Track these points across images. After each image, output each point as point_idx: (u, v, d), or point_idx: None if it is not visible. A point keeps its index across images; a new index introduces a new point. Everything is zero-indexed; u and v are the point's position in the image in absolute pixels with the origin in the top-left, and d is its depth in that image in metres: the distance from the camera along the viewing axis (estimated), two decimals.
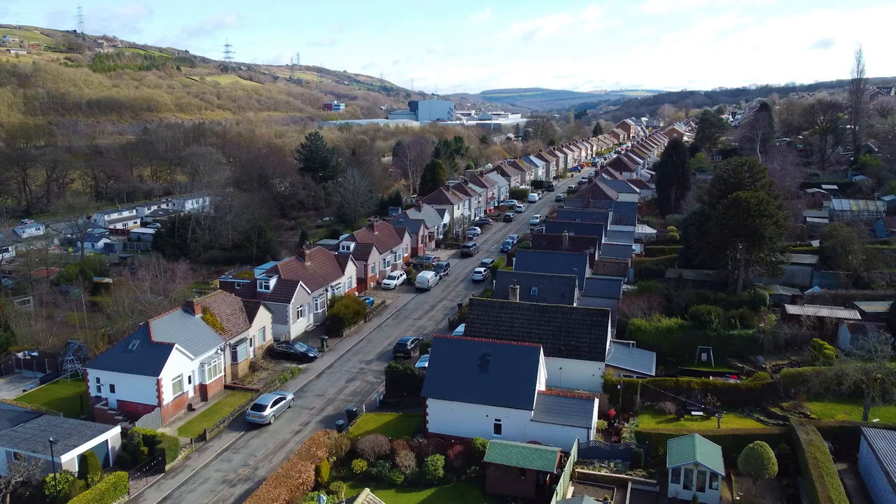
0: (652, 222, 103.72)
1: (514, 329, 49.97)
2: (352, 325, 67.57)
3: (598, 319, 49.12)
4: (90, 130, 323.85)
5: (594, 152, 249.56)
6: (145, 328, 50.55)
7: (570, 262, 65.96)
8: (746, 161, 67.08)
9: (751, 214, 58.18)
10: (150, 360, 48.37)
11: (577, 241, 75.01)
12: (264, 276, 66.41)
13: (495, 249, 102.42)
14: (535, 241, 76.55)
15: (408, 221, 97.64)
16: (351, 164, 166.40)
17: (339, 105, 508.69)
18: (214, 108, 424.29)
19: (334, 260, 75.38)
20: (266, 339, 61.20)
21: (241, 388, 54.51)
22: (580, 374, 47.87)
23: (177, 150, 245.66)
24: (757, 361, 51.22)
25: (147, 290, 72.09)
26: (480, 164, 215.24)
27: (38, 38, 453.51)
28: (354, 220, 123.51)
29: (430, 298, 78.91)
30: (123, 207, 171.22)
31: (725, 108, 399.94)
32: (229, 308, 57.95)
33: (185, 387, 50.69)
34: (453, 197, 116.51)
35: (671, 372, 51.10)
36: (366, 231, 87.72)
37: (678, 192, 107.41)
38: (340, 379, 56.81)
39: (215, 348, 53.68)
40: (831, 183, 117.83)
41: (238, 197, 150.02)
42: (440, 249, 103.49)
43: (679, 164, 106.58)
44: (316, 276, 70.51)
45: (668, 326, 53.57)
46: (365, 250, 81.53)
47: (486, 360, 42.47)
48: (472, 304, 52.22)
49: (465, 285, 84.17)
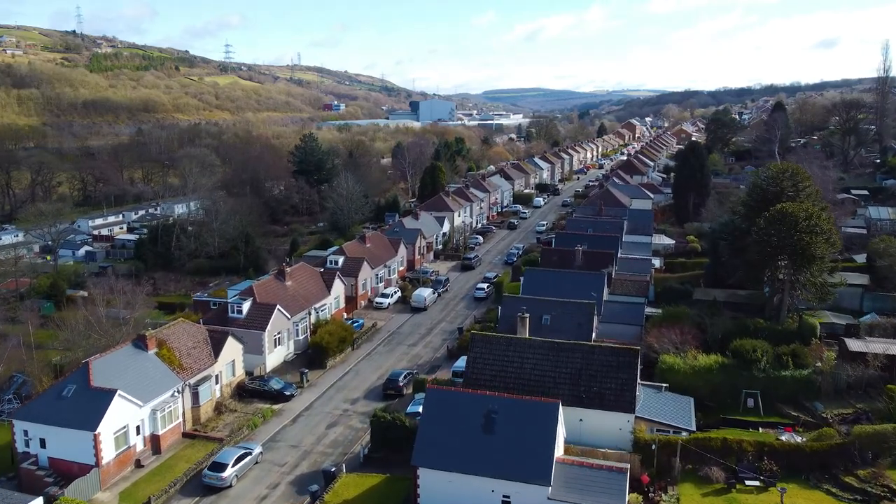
0: (669, 231, 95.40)
1: (523, 372, 41.73)
2: (337, 355, 59.34)
3: (626, 360, 40.85)
4: (85, 132, 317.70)
5: (600, 153, 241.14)
6: (84, 370, 42.35)
7: (585, 284, 57.65)
8: (788, 167, 58.80)
9: (799, 230, 49.93)
10: (88, 410, 40.18)
11: (592, 256, 66.75)
12: (237, 300, 58.23)
13: (499, 261, 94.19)
14: (545, 257, 68.19)
15: (404, 231, 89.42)
16: (346, 168, 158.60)
17: (340, 105, 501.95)
18: (213, 109, 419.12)
19: (319, 278, 67.10)
20: (236, 373, 53.00)
21: (202, 437, 46.32)
22: (604, 427, 39.62)
23: (171, 151, 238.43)
24: (814, 409, 42.95)
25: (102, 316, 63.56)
26: (482, 165, 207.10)
27: (36, 39, 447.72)
28: (348, 227, 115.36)
29: (428, 319, 70.69)
30: (110, 212, 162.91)
31: (732, 108, 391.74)
32: (191, 340, 49.79)
33: (132, 440, 42.51)
34: (453, 203, 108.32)
35: (712, 421, 42.87)
36: (357, 243, 79.48)
37: (696, 198, 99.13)
38: (320, 423, 48.61)
39: (171, 390, 45.52)
40: (860, 188, 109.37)
41: (226, 202, 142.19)
42: (439, 261, 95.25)
43: (697, 168, 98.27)
44: (297, 297, 62.28)
45: (707, 366, 45.29)
46: (355, 265, 73.33)
47: (492, 420, 34.23)
48: (474, 339, 43.98)
49: (467, 303, 75.95)
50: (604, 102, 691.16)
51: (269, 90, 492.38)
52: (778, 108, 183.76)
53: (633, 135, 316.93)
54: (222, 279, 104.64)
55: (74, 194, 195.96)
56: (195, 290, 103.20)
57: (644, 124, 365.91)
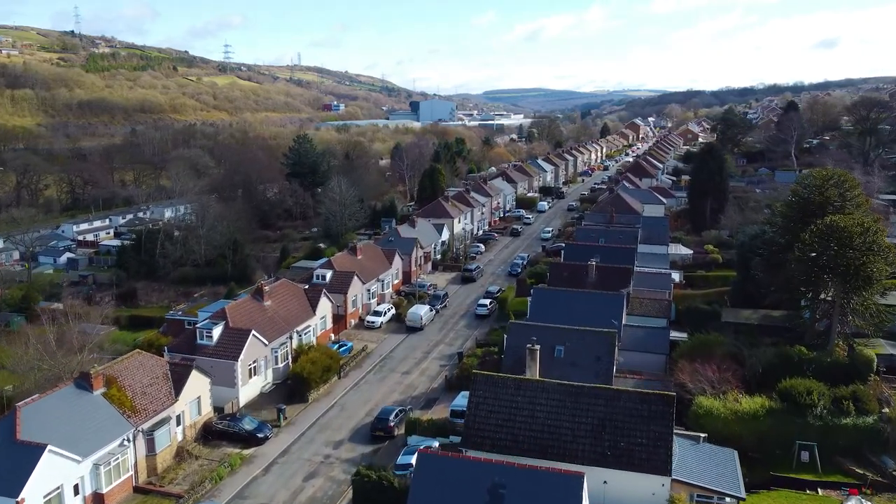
0: (685, 240, 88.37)
1: (535, 422, 34.85)
2: (321, 386, 52.39)
3: (660, 410, 33.96)
4: (80, 132, 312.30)
5: (604, 154, 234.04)
6: (10, 419, 35.50)
7: (602, 306, 50.70)
8: (833, 174, 51.79)
9: (853, 247, 43.02)
10: (10, 470, 33.31)
11: (607, 272, 59.75)
12: (206, 324, 51.30)
13: (502, 272, 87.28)
14: (554, 273, 61.09)
15: (399, 241, 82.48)
16: (342, 171, 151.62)
17: (339, 105, 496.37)
18: (210, 109, 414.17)
19: (303, 296, 60.11)
20: (202, 412, 46.09)
21: (157, 492, 39.42)
22: (634, 492, 32.76)
23: (165, 152, 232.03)
24: (884, 465, 36.05)
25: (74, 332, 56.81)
26: (483, 167, 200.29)
27: (33, 39, 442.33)
28: (341, 234, 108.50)
29: (424, 341, 63.76)
30: (96, 216, 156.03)
31: (736, 108, 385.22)
32: (148, 376, 42.91)
33: (69, 502, 35.68)
34: (453, 209, 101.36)
35: (759, 479, 35.93)
36: (347, 256, 72.51)
37: (714, 203, 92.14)
38: (297, 474, 41.70)
39: (120, 439, 38.67)
40: (890, 192, 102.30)
41: (214, 206, 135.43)
42: (437, 272, 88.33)
43: (716, 171, 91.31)
44: (277, 319, 55.35)
45: (752, 411, 38.34)
46: (344, 281, 66.44)
47: (500, 496, 27.31)
48: (477, 381, 37.09)
49: (467, 322, 69.05)
50: (604, 102, 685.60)
51: (269, 90, 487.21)
52: (790, 108, 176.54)
53: (637, 135, 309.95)
54: (208, 289, 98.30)
55: (62, 197, 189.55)
56: (178, 301, 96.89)
57: (647, 124, 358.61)
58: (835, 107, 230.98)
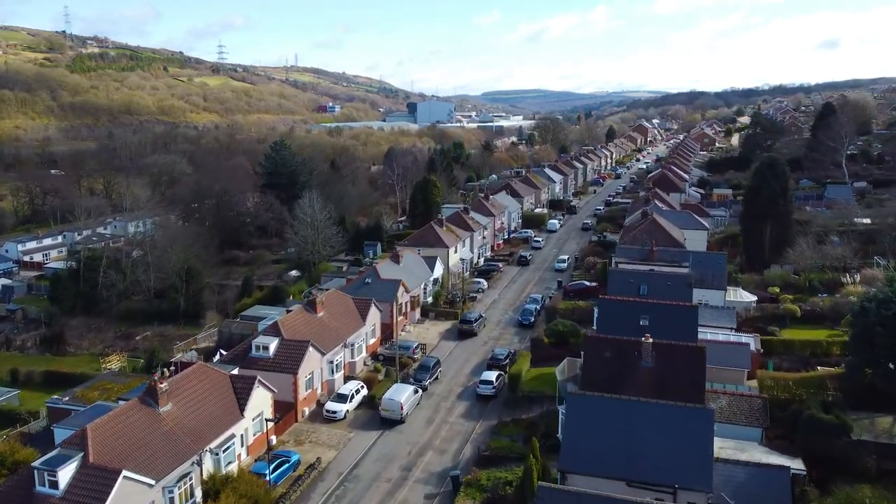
0: (743, 280, 69.50)
1: None
2: None
3: None
4: (63, 135, 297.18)
5: (614, 160, 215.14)
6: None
7: (674, 429, 31.90)
8: None
9: None
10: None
11: (667, 353, 40.76)
12: (58, 457, 32.32)
13: (510, 321, 68.65)
14: (591, 356, 41.56)
15: (378, 284, 63.50)
16: (323, 181, 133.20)
17: (335, 107, 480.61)
18: (200, 111, 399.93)
19: (228, 385, 40.69)
20: None
21: None
22: None
23: (142, 157, 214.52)
24: None
25: None
26: (483, 174, 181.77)
27: (21, 39, 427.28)
28: (313, 264, 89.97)
29: (405, 445, 44.92)
30: (46, 233, 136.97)
31: (745, 110, 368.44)
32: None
33: None
34: (448, 236, 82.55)
35: None
36: (301, 314, 53.38)
37: (776, 231, 73.29)
38: None
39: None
40: None
41: (169, 224, 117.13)
42: (428, 321, 69.42)
43: (780, 193, 72.56)
44: (174, 436, 36.11)
45: None
46: (295, 354, 47.56)
47: None
48: None
49: (468, 406, 50.40)
50: (605, 104, 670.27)
51: (261, 91, 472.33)
52: (828, 110, 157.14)
53: (644, 138, 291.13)
54: (154, 329, 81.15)
55: (20, 209, 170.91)
56: (117, 344, 79.85)
57: (652, 126, 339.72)
58: (865, 108, 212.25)
